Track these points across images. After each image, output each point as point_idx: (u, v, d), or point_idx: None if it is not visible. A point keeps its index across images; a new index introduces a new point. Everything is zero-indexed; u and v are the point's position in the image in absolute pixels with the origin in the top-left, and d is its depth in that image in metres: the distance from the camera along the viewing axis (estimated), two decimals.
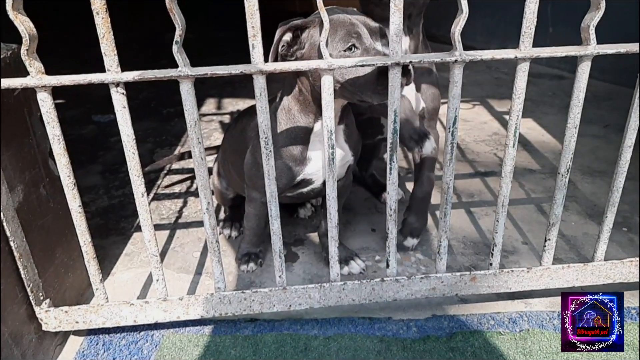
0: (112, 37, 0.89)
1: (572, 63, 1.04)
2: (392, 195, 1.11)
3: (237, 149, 1.42)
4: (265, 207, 1.10)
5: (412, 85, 1.38)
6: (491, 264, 1.22)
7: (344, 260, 1.44)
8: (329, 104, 1.00)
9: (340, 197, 1.24)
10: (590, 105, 2.54)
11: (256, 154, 1.26)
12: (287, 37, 1.09)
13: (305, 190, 1.34)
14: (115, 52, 0.91)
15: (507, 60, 1.00)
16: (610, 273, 1.24)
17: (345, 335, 1.23)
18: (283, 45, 1.09)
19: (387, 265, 1.19)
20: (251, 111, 1.34)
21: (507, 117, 1.06)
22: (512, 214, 1.70)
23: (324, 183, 1.30)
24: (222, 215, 1.76)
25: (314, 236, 1.63)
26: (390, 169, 1.08)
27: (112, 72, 0.92)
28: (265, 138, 1.02)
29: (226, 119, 2.76)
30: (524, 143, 2.28)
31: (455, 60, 0.98)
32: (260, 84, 0.96)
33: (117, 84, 0.93)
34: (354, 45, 1.05)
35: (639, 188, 1.82)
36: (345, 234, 1.63)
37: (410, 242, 1.53)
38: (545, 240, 1.21)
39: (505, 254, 1.50)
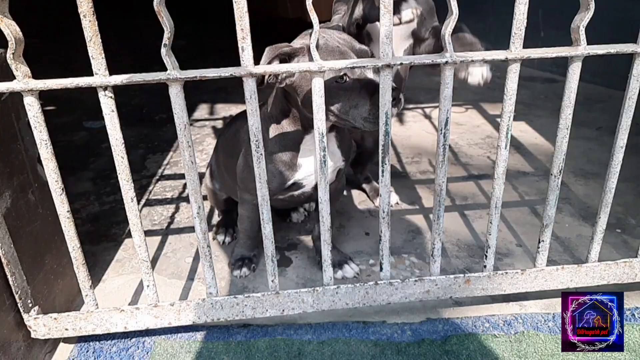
0: (100, 40, 0.88)
1: (564, 66, 1.03)
2: (384, 198, 1.11)
3: (230, 151, 1.41)
4: (258, 210, 1.10)
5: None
6: (485, 266, 1.21)
7: (337, 264, 1.43)
8: (320, 106, 0.99)
9: (332, 200, 1.23)
10: (582, 108, 2.56)
11: (248, 157, 1.26)
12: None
13: (296, 193, 1.34)
14: (103, 55, 0.90)
15: (498, 62, 1.00)
16: (604, 274, 1.23)
17: (339, 340, 1.22)
18: (270, 75, 1.07)
19: (381, 269, 1.19)
20: (244, 114, 1.34)
21: (499, 119, 1.06)
22: (505, 217, 1.70)
23: (315, 187, 1.29)
24: (215, 220, 1.74)
25: (308, 240, 1.62)
26: (383, 171, 1.07)
27: (100, 76, 0.90)
28: (256, 141, 1.01)
29: (219, 124, 2.75)
30: (517, 146, 2.29)
31: (446, 62, 0.97)
32: (250, 86, 0.95)
33: (105, 88, 0.92)
34: (345, 74, 1.07)
35: (632, 189, 1.83)
36: (339, 238, 1.62)
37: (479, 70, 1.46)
38: (539, 242, 1.20)
39: (499, 257, 1.50)
